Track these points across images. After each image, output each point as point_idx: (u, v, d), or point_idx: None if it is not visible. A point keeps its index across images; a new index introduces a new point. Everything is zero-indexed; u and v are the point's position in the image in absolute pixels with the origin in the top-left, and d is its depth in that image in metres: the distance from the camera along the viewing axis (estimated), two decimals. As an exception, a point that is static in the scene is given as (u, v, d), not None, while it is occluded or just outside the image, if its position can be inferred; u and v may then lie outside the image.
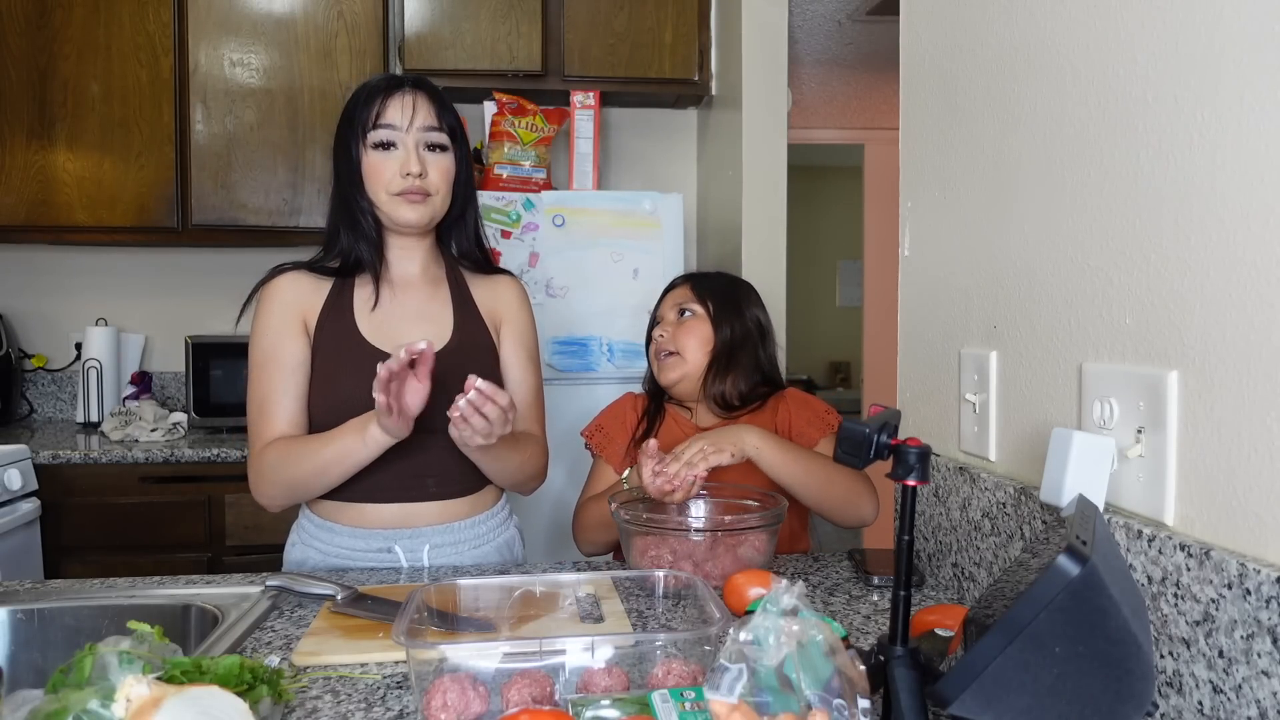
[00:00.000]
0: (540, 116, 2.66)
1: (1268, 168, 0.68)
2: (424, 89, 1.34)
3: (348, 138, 1.33)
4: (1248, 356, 0.70)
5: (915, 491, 0.76)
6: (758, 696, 0.68)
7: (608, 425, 1.57)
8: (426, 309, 1.39)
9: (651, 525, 1.22)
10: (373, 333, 1.35)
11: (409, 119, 1.30)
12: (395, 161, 1.30)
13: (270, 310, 1.34)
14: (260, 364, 1.33)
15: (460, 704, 0.75)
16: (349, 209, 1.35)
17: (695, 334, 1.52)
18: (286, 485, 1.29)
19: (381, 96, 1.31)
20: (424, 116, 1.31)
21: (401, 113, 1.30)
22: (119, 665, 0.69)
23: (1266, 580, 0.65)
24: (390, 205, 1.32)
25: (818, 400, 1.59)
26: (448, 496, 1.37)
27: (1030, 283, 1.00)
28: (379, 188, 1.31)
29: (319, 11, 2.68)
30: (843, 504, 1.38)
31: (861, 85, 4.24)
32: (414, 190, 1.30)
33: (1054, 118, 0.95)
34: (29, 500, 2.24)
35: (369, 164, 1.31)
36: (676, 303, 1.56)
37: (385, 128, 1.30)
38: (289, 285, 1.36)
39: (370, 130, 1.30)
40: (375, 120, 1.30)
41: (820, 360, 7.33)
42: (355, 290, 1.37)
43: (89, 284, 2.98)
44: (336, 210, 1.38)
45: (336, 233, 1.38)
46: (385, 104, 1.31)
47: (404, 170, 1.29)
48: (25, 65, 2.58)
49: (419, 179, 1.30)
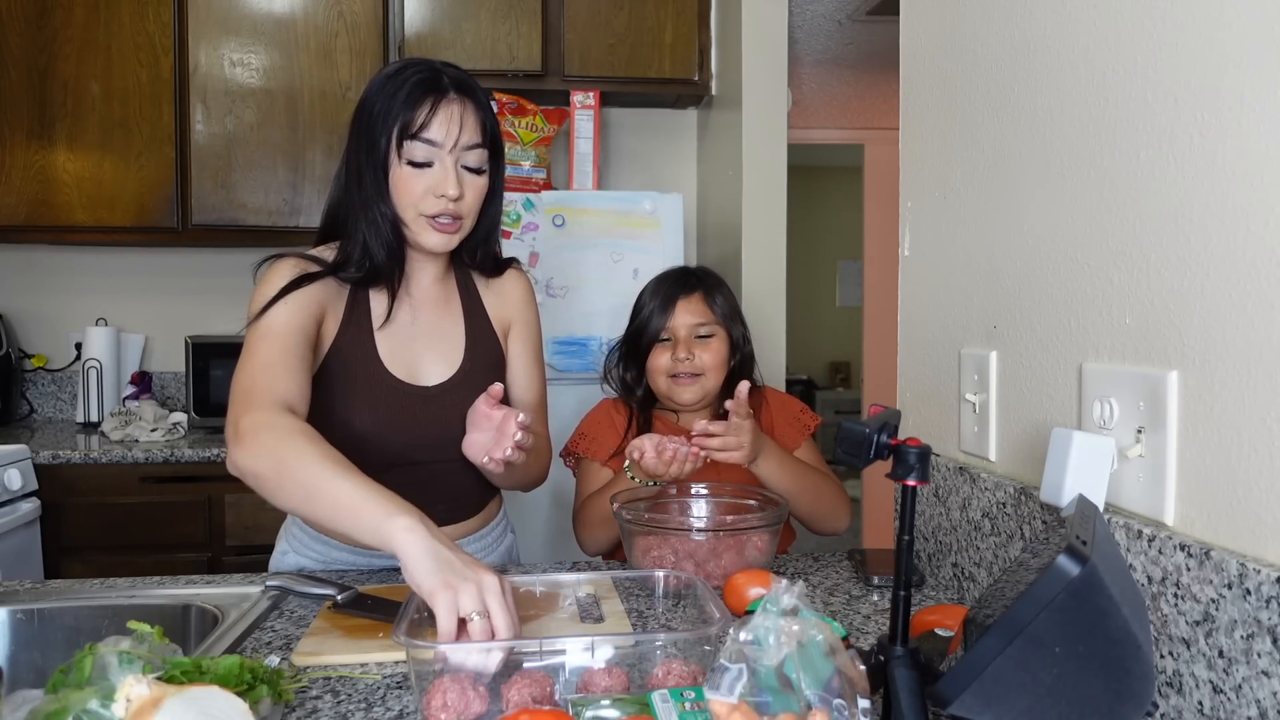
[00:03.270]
0: (540, 116, 2.66)
1: (1268, 168, 0.68)
2: (471, 97, 1.19)
3: (375, 133, 1.16)
4: (1248, 356, 0.70)
5: (915, 491, 0.76)
6: (758, 696, 0.68)
7: (591, 431, 1.56)
8: (439, 327, 1.31)
9: (653, 525, 1.22)
10: (388, 355, 1.25)
11: (454, 137, 1.16)
12: (430, 179, 1.17)
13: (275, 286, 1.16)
14: (256, 334, 1.14)
15: (460, 704, 0.75)
16: (370, 215, 1.19)
17: (718, 355, 1.50)
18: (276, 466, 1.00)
19: (429, 104, 1.15)
20: (468, 134, 1.17)
21: (446, 129, 1.16)
22: (119, 665, 0.69)
23: (1266, 580, 0.65)
24: (417, 227, 1.19)
25: (793, 399, 1.63)
26: (458, 519, 1.34)
27: (1030, 283, 1.00)
28: (407, 204, 1.18)
29: (319, 11, 2.68)
30: (826, 515, 1.47)
31: (861, 85, 4.24)
32: (446, 214, 1.18)
33: (1054, 118, 0.95)
34: (29, 500, 2.24)
35: (399, 175, 1.17)
36: (694, 320, 1.49)
37: (426, 143, 1.16)
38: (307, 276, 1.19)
39: (408, 141, 1.15)
40: (416, 130, 1.15)
41: (820, 360, 7.33)
42: (371, 303, 1.26)
43: (89, 284, 2.98)
44: (349, 208, 1.22)
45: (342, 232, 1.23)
46: (431, 115, 1.15)
47: (439, 191, 1.17)
48: (25, 65, 2.58)
49: (454, 202, 1.18)
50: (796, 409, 1.60)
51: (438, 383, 1.28)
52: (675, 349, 1.48)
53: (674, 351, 1.48)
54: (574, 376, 2.53)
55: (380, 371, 1.24)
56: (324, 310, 1.21)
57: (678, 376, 1.48)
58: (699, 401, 1.50)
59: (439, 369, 1.29)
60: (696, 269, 1.61)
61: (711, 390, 1.50)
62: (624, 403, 1.58)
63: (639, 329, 1.52)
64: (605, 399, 1.63)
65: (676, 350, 1.48)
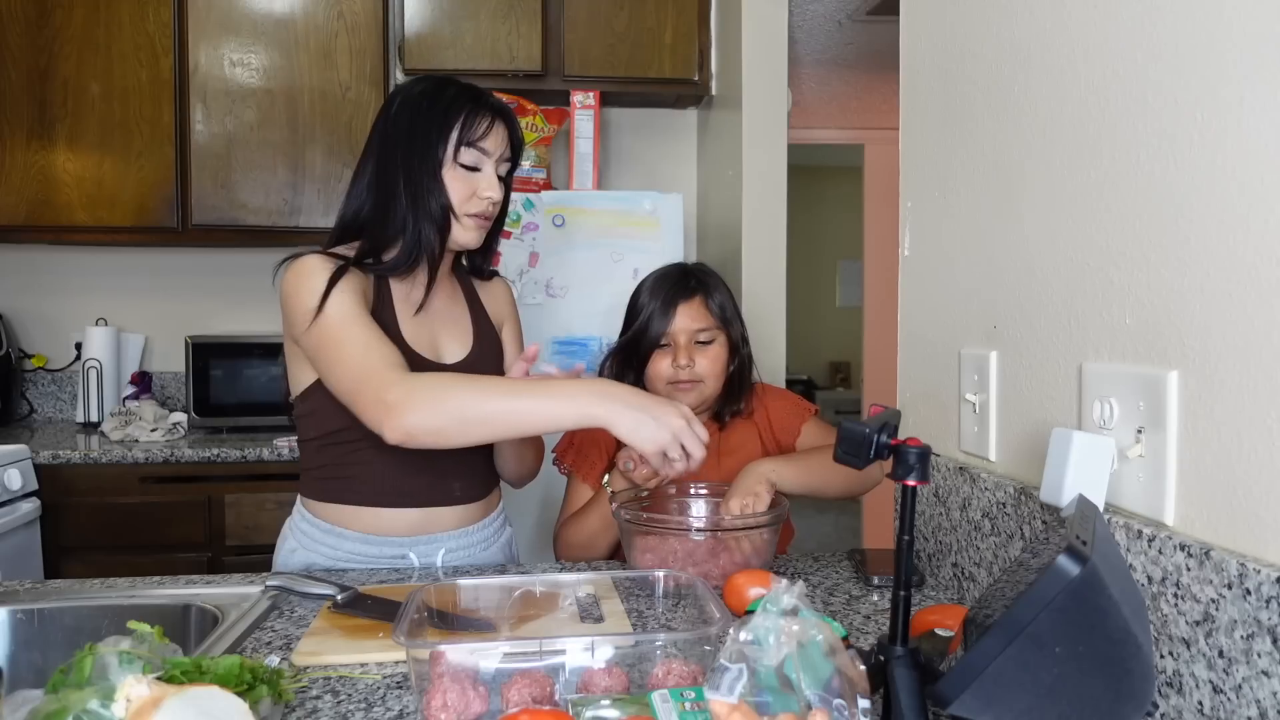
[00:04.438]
0: (540, 116, 2.66)
1: (1268, 168, 0.68)
2: (510, 122, 1.36)
3: (431, 134, 1.28)
4: (1248, 356, 0.70)
5: (915, 491, 0.76)
6: (758, 696, 0.69)
7: (580, 443, 1.54)
8: (452, 312, 1.42)
9: (652, 525, 1.22)
10: (411, 336, 1.32)
11: (499, 150, 1.33)
12: (477, 183, 1.31)
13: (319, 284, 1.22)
14: (334, 323, 1.19)
15: (460, 704, 0.75)
16: (426, 205, 1.29)
17: (718, 360, 1.48)
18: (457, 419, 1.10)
19: (490, 118, 1.31)
20: (507, 149, 1.35)
21: (496, 143, 1.32)
22: (119, 665, 0.69)
23: (1266, 580, 0.65)
24: (461, 223, 1.32)
25: (787, 391, 1.66)
26: (470, 500, 1.39)
27: (1030, 283, 1.00)
28: (459, 201, 1.31)
29: (319, 11, 2.68)
30: (859, 480, 1.43)
31: (861, 85, 4.23)
32: (485, 215, 1.33)
33: (1054, 118, 0.95)
34: (29, 500, 2.24)
35: (451, 175, 1.30)
36: (694, 326, 1.47)
37: (481, 152, 1.31)
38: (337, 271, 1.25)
39: (466, 146, 1.29)
40: (476, 138, 1.29)
41: (820, 360, 7.33)
42: (393, 290, 1.33)
43: (89, 284, 2.98)
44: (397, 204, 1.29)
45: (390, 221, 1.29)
46: (490, 130, 1.31)
47: (484, 193, 1.31)
48: (25, 65, 2.58)
49: (492, 205, 1.33)
50: (794, 397, 1.60)
51: (455, 360, 1.38)
52: (675, 355, 1.46)
53: (674, 358, 1.46)
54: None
55: (407, 350, 1.30)
56: (366, 295, 1.28)
57: (677, 383, 1.46)
58: (697, 407, 1.47)
59: (455, 348, 1.40)
60: (695, 268, 1.55)
61: (710, 396, 1.49)
62: None
63: (638, 334, 1.49)
64: None
65: (677, 357, 1.45)
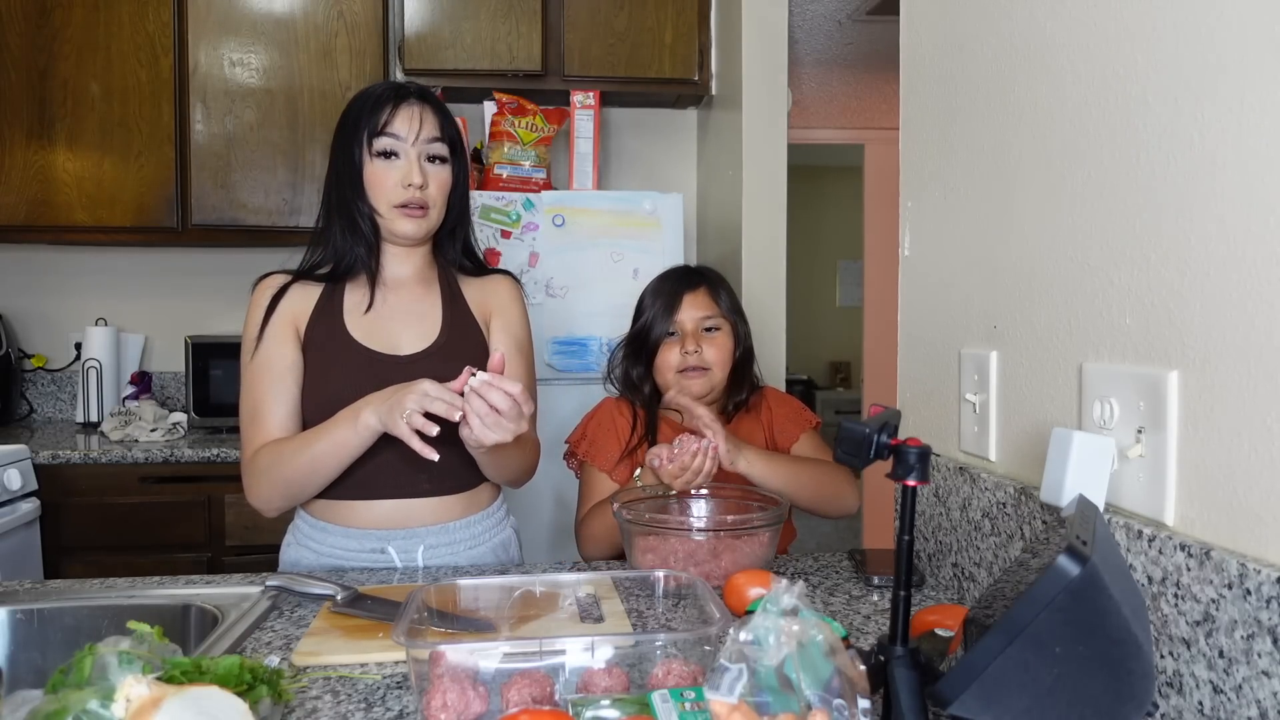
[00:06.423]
0: (540, 116, 2.66)
1: (1268, 168, 0.68)
2: (429, 102, 1.36)
3: (349, 141, 1.33)
4: (1248, 356, 0.70)
5: (915, 491, 0.76)
6: (758, 696, 0.68)
7: (594, 433, 1.56)
8: (415, 308, 1.40)
9: (653, 525, 1.22)
10: (363, 333, 1.36)
11: (415, 132, 1.32)
12: (397, 171, 1.32)
13: (259, 317, 1.35)
14: (251, 371, 1.34)
15: (460, 704, 0.75)
16: (348, 212, 1.35)
17: (724, 349, 1.53)
18: (282, 484, 1.28)
19: (390, 106, 1.32)
20: (429, 129, 1.33)
21: (408, 125, 1.32)
22: (119, 665, 0.69)
23: (1267, 580, 0.65)
24: (391, 217, 1.33)
25: (792, 398, 1.67)
26: (443, 493, 1.37)
27: (1030, 283, 1.00)
28: (380, 197, 1.33)
29: (319, 11, 2.68)
30: (829, 498, 1.46)
31: (861, 85, 4.24)
32: (414, 203, 1.32)
33: (1054, 118, 0.95)
34: (29, 500, 2.24)
35: (371, 171, 1.32)
36: (700, 314, 1.53)
37: (390, 137, 1.31)
38: (278, 292, 1.36)
39: (376, 137, 1.31)
40: (381, 128, 1.31)
41: (820, 360, 7.33)
42: (346, 294, 1.38)
43: (89, 284, 2.98)
44: (333, 212, 1.37)
45: (329, 234, 1.38)
46: (394, 114, 1.32)
47: (405, 181, 1.31)
48: (25, 65, 2.58)
49: (420, 191, 1.32)
50: (797, 405, 1.63)
51: (413, 352, 1.36)
52: (683, 342, 1.51)
53: (682, 345, 1.51)
54: (574, 376, 2.53)
55: (352, 344, 1.35)
56: (296, 320, 1.36)
57: (685, 370, 1.50)
58: (706, 395, 1.51)
59: (414, 342, 1.38)
60: (698, 267, 1.64)
61: (718, 384, 1.53)
62: (627, 402, 1.58)
63: (645, 326, 1.54)
64: (607, 398, 1.63)
65: (685, 344, 1.50)
